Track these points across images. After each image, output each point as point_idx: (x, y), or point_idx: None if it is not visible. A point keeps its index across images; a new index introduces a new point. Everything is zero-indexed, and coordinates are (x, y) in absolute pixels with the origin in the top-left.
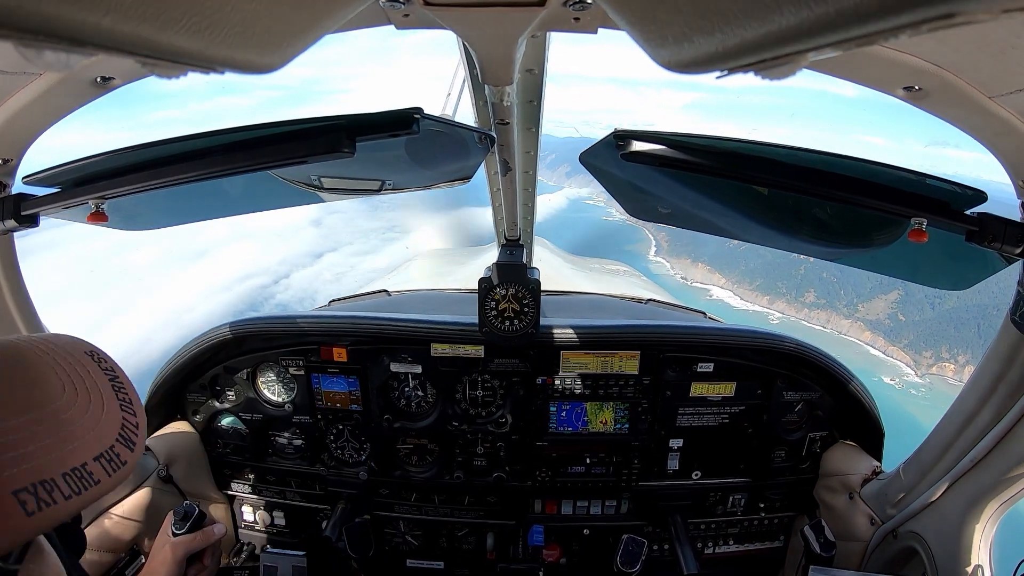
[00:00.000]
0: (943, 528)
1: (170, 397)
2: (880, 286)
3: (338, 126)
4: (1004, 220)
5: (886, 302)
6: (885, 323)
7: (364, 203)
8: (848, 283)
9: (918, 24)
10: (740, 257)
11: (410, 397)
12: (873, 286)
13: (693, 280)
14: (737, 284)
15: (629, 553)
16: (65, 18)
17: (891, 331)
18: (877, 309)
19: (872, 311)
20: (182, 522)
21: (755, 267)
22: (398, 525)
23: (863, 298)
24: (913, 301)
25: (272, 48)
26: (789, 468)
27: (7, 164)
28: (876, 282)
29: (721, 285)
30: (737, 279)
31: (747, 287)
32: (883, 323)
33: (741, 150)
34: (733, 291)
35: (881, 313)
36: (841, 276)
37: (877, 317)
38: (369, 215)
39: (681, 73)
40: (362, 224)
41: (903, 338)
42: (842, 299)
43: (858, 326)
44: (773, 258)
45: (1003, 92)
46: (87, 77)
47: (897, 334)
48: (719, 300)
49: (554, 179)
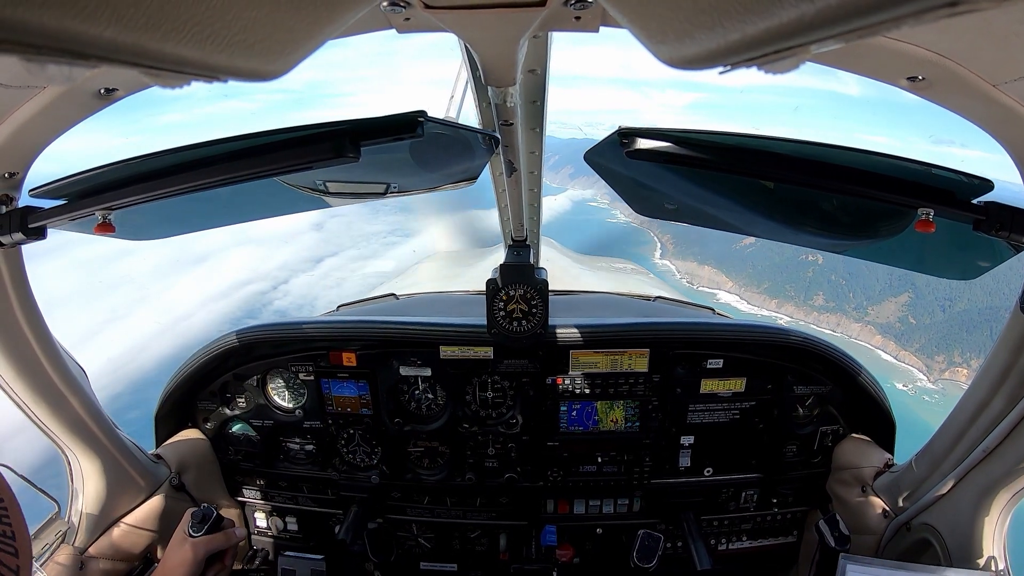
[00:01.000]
0: (956, 519)
1: (181, 405)
2: (890, 288)
3: (342, 131)
4: (1011, 208)
5: (896, 304)
6: (896, 326)
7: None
8: (857, 285)
9: (921, 14)
10: (747, 259)
11: (420, 400)
12: (882, 288)
13: (700, 284)
14: (744, 287)
15: (645, 548)
16: (67, 31)
17: (902, 335)
18: (887, 312)
19: (882, 314)
20: (200, 524)
21: (762, 269)
22: (410, 528)
23: (872, 301)
24: (923, 303)
25: (274, 55)
26: (801, 463)
27: (13, 177)
28: (885, 284)
29: (728, 288)
30: (744, 282)
31: (754, 290)
32: (894, 326)
33: (746, 145)
34: (740, 294)
35: (891, 316)
36: (850, 278)
37: (887, 320)
38: (371, 218)
39: (684, 70)
40: (364, 228)
41: (914, 342)
42: (851, 302)
43: (868, 330)
44: (781, 260)
45: (1007, 80)
46: (90, 89)
47: (908, 338)
48: (726, 304)
49: (558, 181)
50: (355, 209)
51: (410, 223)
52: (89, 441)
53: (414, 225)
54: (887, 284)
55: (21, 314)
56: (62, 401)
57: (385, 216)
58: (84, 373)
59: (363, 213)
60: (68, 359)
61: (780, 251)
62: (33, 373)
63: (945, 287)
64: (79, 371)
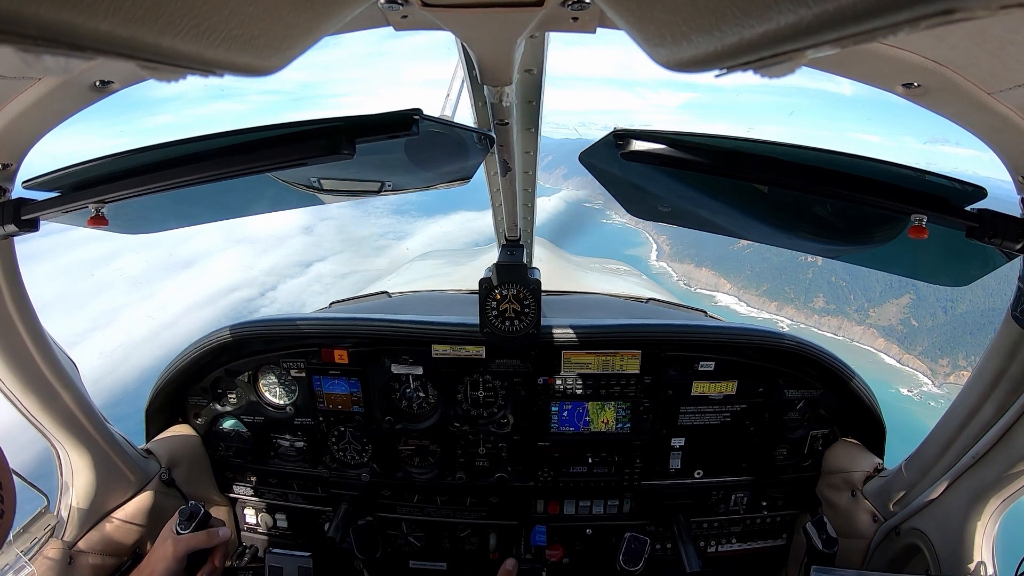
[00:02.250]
0: (946, 525)
1: (171, 400)
2: (891, 289)
3: (337, 128)
4: (1004, 216)
5: (898, 307)
6: (898, 329)
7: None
8: (858, 287)
9: (917, 21)
10: (745, 261)
11: (411, 398)
12: (883, 289)
13: (697, 286)
14: (743, 289)
15: (632, 551)
16: (64, 22)
17: (905, 338)
18: (889, 314)
19: (884, 316)
20: (187, 522)
21: (761, 271)
22: (401, 526)
23: (874, 303)
24: (925, 305)
25: (271, 50)
26: (791, 466)
27: (7, 169)
28: (886, 285)
29: (726, 290)
30: (743, 284)
31: (753, 292)
32: (896, 329)
33: (741, 148)
34: (739, 296)
35: (893, 318)
36: (850, 280)
37: (890, 323)
38: (362, 221)
39: (680, 72)
40: (355, 231)
41: (918, 345)
42: (852, 304)
43: (871, 333)
44: (780, 261)
45: (1002, 88)
46: (86, 81)
47: (911, 341)
48: (725, 306)
49: (551, 181)
50: (346, 211)
51: (398, 226)
52: (79, 435)
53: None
54: (887, 286)
55: (13, 307)
56: (53, 395)
57: (377, 219)
58: (75, 367)
59: (355, 216)
60: (59, 352)
61: (778, 252)
62: (24, 366)
63: (946, 288)
64: (70, 365)
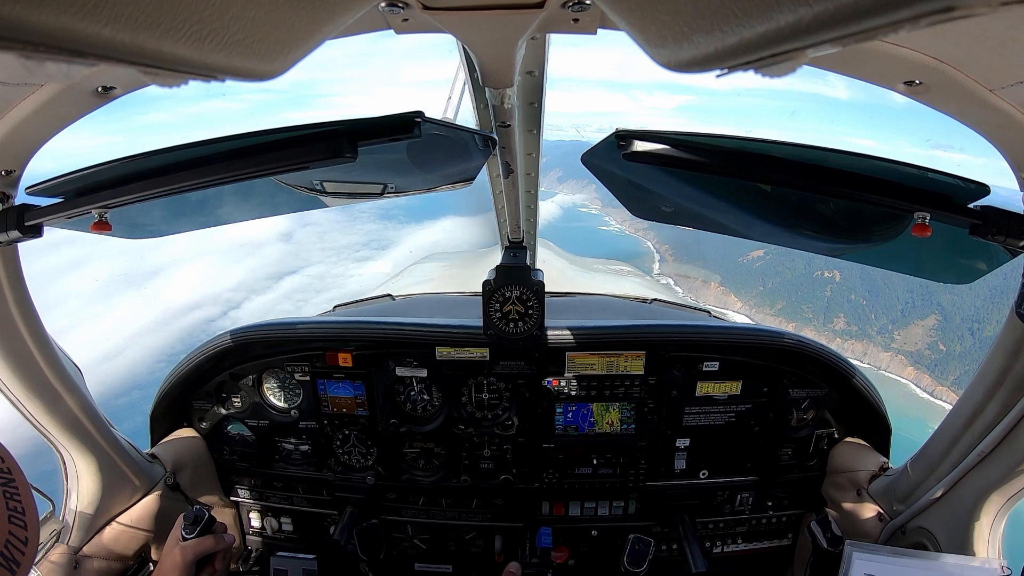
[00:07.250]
0: (951, 523)
1: (176, 405)
2: (916, 309)
3: (339, 131)
4: (1008, 213)
5: (924, 328)
6: (927, 355)
7: (340, 214)
8: (879, 306)
9: (917, 18)
10: (755, 274)
11: (416, 401)
12: (905, 307)
13: (705, 302)
14: (756, 308)
15: (636, 552)
16: (66, 29)
17: (935, 365)
18: (915, 337)
19: (910, 339)
20: (192, 526)
21: (774, 287)
22: (406, 529)
23: (898, 324)
24: (952, 327)
25: (272, 55)
26: (796, 466)
27: (10, 175)
28: (908, 303)
29: (737, 309)
30: (755, 302)
31: (767, 311)
32: (925, 355)
33: (744, 148)
34: (751, 316)
35: (920, 343)
36: (871, 298)
37: (917, 348)
38: (346, 227)
39: (681, 72)
40: (336, 239)
41: (949, 375)
42: (874, 324)
43: (899, 360)
44: (793, 276)
45: (1003, 85)
46: (88, 87)
47: (942, 369)
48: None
49: (546, 184)
50: (329, 217)
51: (388, 232)
52: (84, 440)
53: (388, 235)
54: (910, 303)
55: (17, 312)
56: (57, 399)
57: (362, 225)
58: (79, 371)
59: (339, 221)
60: (64, 357)
61: (792, 266)
62: (28, 371)
63: (971, 307)
64: (74, 369)
